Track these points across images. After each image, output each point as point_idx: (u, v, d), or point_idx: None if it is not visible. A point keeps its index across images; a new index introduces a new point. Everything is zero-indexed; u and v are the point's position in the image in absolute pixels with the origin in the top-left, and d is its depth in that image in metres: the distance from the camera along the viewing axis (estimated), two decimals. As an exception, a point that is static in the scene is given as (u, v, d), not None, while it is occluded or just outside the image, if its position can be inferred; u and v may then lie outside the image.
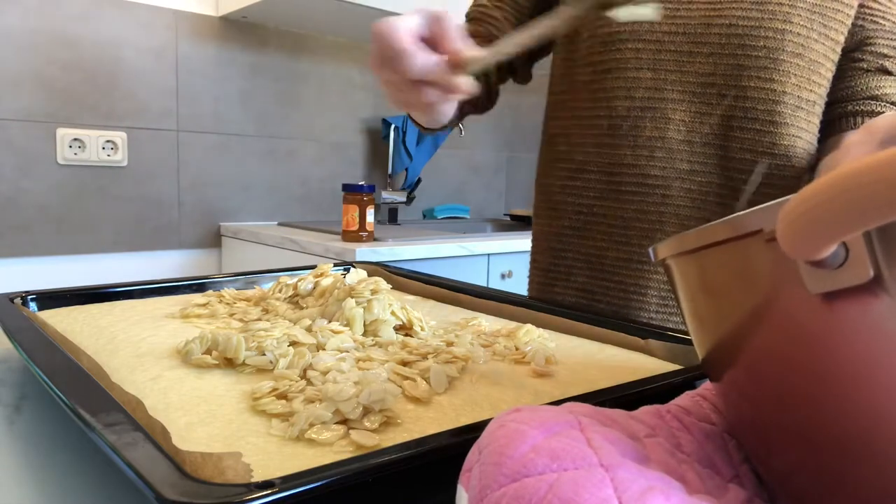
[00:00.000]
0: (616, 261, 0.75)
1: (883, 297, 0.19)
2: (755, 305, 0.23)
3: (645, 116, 0.72)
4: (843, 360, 0.20)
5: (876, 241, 0.18)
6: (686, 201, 0.72)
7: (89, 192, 1.63)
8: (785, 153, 0.70)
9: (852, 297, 0.19)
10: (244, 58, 1.83)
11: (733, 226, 0.22)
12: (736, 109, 0.70)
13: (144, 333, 0.55)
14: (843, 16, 0.70)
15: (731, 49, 0.69)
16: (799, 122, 0.70)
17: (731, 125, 0.70)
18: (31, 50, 1.52)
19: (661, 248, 0.29)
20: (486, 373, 0.48)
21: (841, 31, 0.71)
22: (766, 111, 0.69)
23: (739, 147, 0.70)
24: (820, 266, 0.19)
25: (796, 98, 0.69)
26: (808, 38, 0.69)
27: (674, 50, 0.71)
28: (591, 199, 0.77)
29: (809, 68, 0.69)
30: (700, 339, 0.29)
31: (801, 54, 0.69)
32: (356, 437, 0.36)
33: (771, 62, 0.68)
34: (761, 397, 0.25)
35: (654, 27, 0.71)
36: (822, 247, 0.18)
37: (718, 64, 0.70)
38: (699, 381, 0.46)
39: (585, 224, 0.77)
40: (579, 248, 0.78)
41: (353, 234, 1.56)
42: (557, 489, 0.21)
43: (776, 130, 0.69)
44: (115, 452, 0.31)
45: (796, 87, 0.69)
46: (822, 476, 0.23)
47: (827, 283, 0.19)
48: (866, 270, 0.18)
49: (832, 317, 0.20)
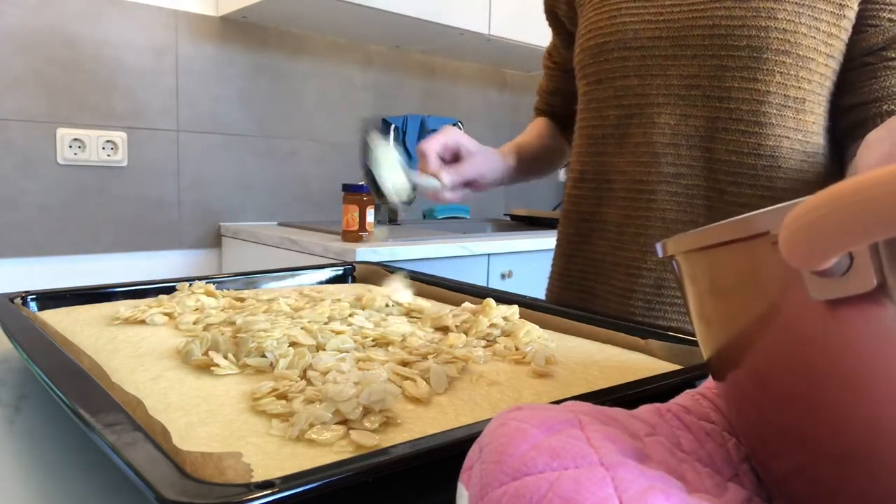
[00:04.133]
0: (613, 265, 0.77)
1: (887, 306, 0.18)
2: (760, 308, 0.23)
3: (633, 123, 0.73)
4: (846, 366, 0.20)
5: (882, 250, 0.18)
6: (671, 204, 0.72)
7: (89, 192, 1.63)
8: (771, 154, 0.69)
9: (856, 304, 0.19)
10: (244, 58, 1.83)
11: (741, 226, 0.22)
12: (720, 111, 0.69)
13: (144, 333, 0.55)
14: (834, 6, 0.68)
15: (714, 50, 0.69)
16: (786, 121, 0.69)
17: (715, 126, 0.70)
18: (31, 50, 1.52)
19: (670, 243, 0.29)
20: (486, 373, 0.48)
21: (833, 23, 0.68)
22: (749, 111, 0.68)
23: (724, 149, 0.69)
24: (823, 275, 0.19)
25: (782, 97, 0.68)
26: (795, 33, 0.67)
27: (658, 55, 0.71)
28: (590, 207, 0.79)
29: (797, 65, 0.68)
30: (705, 337, 0.29)
31: (787, 51, 0.67)
32: (356, 437, 0.36)
33: (754, 61, 0.67)
34: (764, 400, 0.25)
35: (638, 34, 0.72)
36: (824, 258, 0.18)
37: (702, 66, 0.69)
38: (699, 380, 0.46)
39: (588, 231, 0.80)
40: (584, 253, 0.81)
41: (353, 234, 1.56)
42: (558, 488, 0.21)
43: (761, 131, 0.68)
44: (115, 452, 0.31)
45: (781, 86, 0.68)
46: (821, 482, 0.23)
47: (830, 290, 0.19)
48: (870, 279, 0.18)
49: (836, 323, 0.20)
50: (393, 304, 0.66)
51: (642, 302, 0.74)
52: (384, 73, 2.11)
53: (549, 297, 0.88)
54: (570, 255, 0.83)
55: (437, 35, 1.94)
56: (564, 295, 0.84)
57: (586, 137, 0.78)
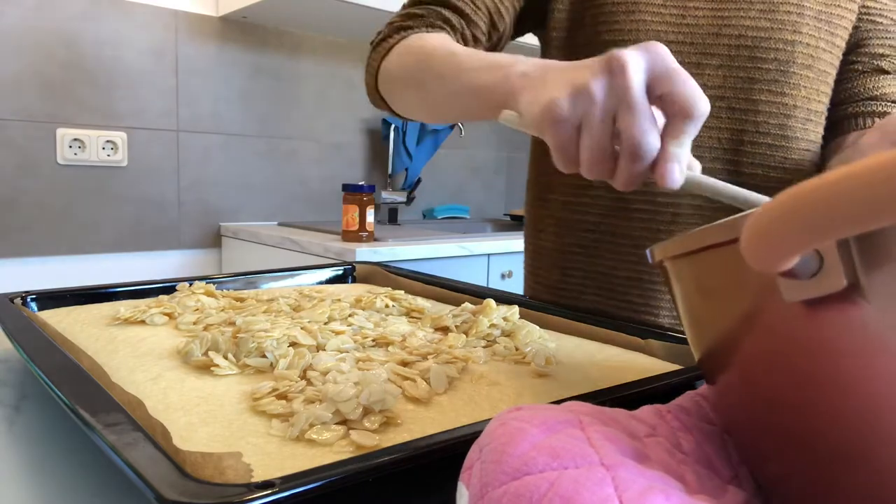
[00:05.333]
0: (626, 280, 0.73)
1: (861, 304, 0.18)
2: (744, 310, 0.23)
3: None
4: (827, 366, 0.20)
5: (854, 249, 0.18)
6: (696, 219, 0.69)
7: (89, 192, 1.63)
8: (795, 167, 0.68)
9: (830, 304, 0.19)
10: (244, 58, 1.83)
11: (724, 229, 0.22)
12: (747, 123, 0.68)
13: (144, 333, 0.55)
14: (846, 21, 0.69)
15: (742, 61, 0.67)
16: (809, 134, 0.69)
17: (741, 139, 0.68)
18: (31, 50, 1.52)
19: (657, 249, 0.29)
20: (486, 373, 0.48)
21: (844, 38, 0.69)
22: (777, 125, 0.67)
23: (750, 162, 0.68)
24: (790, 276, 0.19)
25: (806, 111, 0.68)
26: (816, 48, 0.67)
27: (681, 61, 0.69)
28: (597, 217, 0.74)
29: (818, 79, 0.68)
30: (695, 341, 0.29)
31: (810, 66, 0.67)
32: (356, 437, 0.36)
33: (782, 75, 0.67)
34: (753, 402, 0.25)
35: (659, 35, 0.68)
36: (782, 258, 0.18)
37: (728, 77, 0.67)
38: (699, 381, 0.46)
39: (593, 242, 0.75)
40: (587, 266, 0.76)
41: (353, 234, 1.56)
42: (558, 487, 0.21)
43: (788, 145, 0.68)
44: (115, 452, 0.31)
45: (806, 100, 0.68)
46: (814, 482, 0.23)
47: (801, 292, 0.19)
48: (839, 280, 0.18)
49: (813, 324, 0.20)
50: (392, 305, 0.66)
51: (670, 318, 0.72)
52: (384, 73, 2.11)
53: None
54: (568, 268, 0.77)
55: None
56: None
57: None
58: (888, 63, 0.70)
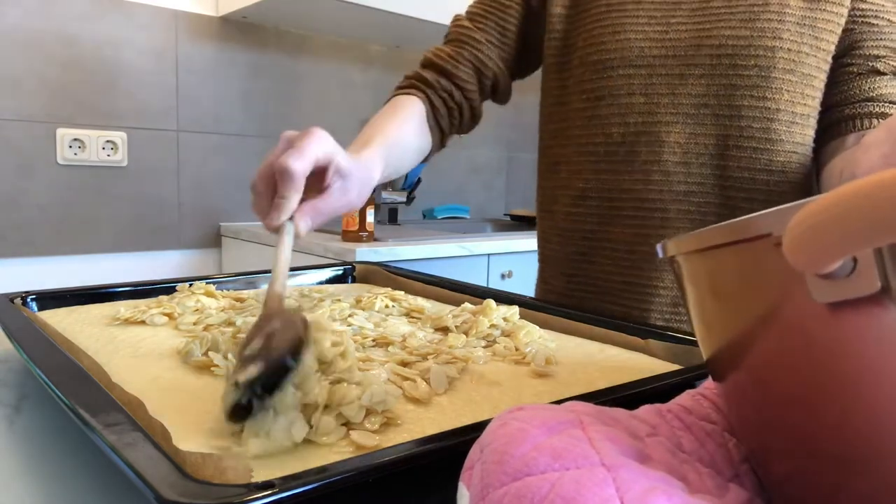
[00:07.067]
0: (622, 285, 0.76)
1: (890, 308, 0.18)
2: (761, 309, 0.23)
3: (640, 141, 0.72)
4: (846, 368, 0.20)
5: (886, 253, 0.18)
6: (685, 223, 0.72)
7: (89, 192, 1.62)
8: (781, 169, 0.70)
9: (859, 307, 0.19)
10: (244, 58, 1.83)
11: (742, 228, 0.22)
12: (731, 129, 0.70)
13: (144, 333, 0.55)
14: (833, 25, 0.69)
15: (723, 69, 0.69)
16: (794, 137, 0.70)
17: (727, 144, 0.70)
18: (31, 50, 1.52)
19: (671, 244, 0.29)
20: (486, 373, 0.48)
21: (832, 41, 0.70)
22: (761, 129, 0.69)
23: (736, 166, 0.70)
24: (826, 277, 0.19)
25: (790, 114, 0.69)
26: (798, 52, 0.68)
27: (665, 74, 0.71)
28: (593, 225, 0.77)
29: (802, 83, 0.69)
30: (706, 338, 0.29)
31: (792, 70, 0.68)
32: (356, 437, 0.36)
33: (763, 80, 0.68)
34: (764, 401, 0.25)
35: (644, 52, 0.72)
36: (829, 261, 0.18)
37: (711, 85, 0.70)
38: (699, 380, 0.46)
39: (591, 249, 0.78)
40: (587, 272, 0.79)
41: (352, 234, 1.56)
42: (559, 488, 0.21)
43: (773, 147, 0.69)
44: (115, 453, 0.31)
45: (789, 104, 0.69)
46: (820, 485, 0.23)
47: (833, 293, 0.19)
48: (874, 282, 0.18)
49: (838, 326, 0.20)
50: (392, 305, 0.66)
51: (661, 322, 0.74)
52: (384, 73, 2.11)
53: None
54: (571, 276, 0.81)
55: (436, 35, 1.94)
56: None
57: (587, 154, 0.76)
58: (883, 64, 0.70)
